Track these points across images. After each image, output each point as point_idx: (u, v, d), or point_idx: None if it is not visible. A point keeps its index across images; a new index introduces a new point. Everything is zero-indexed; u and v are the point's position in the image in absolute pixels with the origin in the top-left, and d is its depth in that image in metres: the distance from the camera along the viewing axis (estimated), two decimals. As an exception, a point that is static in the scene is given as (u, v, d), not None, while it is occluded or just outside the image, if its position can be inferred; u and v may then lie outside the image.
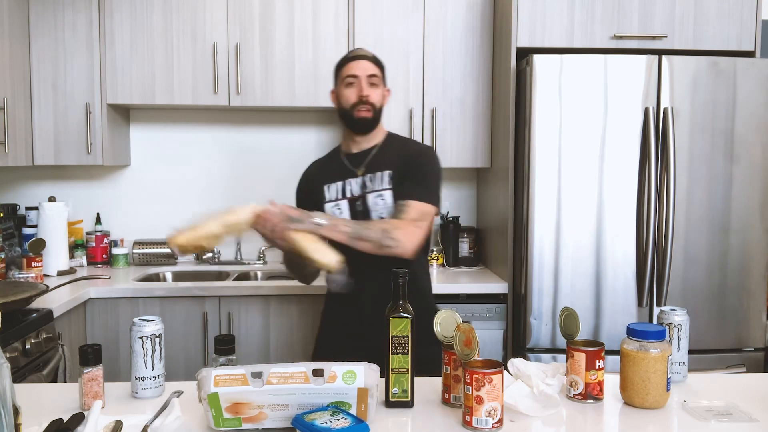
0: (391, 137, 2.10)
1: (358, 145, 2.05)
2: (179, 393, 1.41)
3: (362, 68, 2.00)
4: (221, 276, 3.10)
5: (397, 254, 1.83)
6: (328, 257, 1.74)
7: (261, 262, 3.24)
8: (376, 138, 2.06)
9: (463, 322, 1.36)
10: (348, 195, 2.00)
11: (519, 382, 1.44)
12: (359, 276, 1.91)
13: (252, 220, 1.76)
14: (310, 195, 2.06)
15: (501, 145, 2.85)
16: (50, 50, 2.86)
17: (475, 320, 2.71)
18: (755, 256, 2.61)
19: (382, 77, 2.05)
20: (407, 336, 1.37)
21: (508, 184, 2.73)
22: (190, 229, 1.74)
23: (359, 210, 1.97)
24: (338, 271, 1.77)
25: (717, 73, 2.56)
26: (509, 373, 1.46)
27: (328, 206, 2.01)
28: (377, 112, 2.02)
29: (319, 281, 2.14)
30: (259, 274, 3.15)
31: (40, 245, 2.78)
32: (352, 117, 1.99)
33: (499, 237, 2.92)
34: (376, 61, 2.05)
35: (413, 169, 1.97)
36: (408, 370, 1.38)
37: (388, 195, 1.96)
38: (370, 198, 1.97)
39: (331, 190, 2.02)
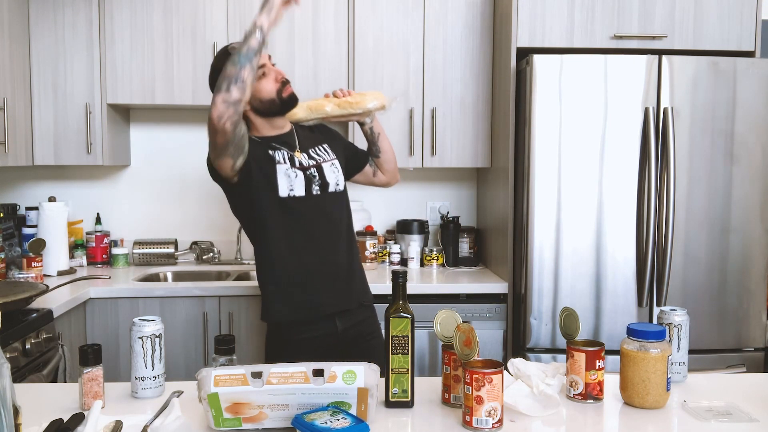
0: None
1: (278, 129, 2.05)
2: (179, 393, 1.41)
3: (264, 55, 1.97)
4: (221, 276, 3.10)
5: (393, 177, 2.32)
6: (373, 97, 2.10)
7: (261, 262, 3.23)
8: (287, 122, 2.08)
9: (463, 322, 1.36)
10: (297, 165, 2.00)
11: (519, 382, 1.44)
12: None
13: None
14: (252, 153, 1.96)
15: (501, 145, 2.85)
16: (50, 50, 2.86)
17: (475, 320, 2.71)
18: (755, 256, 2.61)
19: None
20: (407, 336, 1.37)
21: (508, 184, 2.73)
22: (308, 108, 2.04)
23: (312, 177, 2.01)
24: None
25: (717, 73, 2.56)
26: (509, 373, 1.46)
27: (281, 168, 1.97)
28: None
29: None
30: (259, 274, 3.14)
31: (40, 245, 2.78)
32: (282, 99, 1.99)
33: (499, 237, 2.92)
34: None
35: (341, 140, 2.24)
36: (408, 370, 1.37)
37: (338, 164, 2.11)
38: (326, 167, 2.06)
39: (279, 155, 1.99)
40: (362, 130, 2.22)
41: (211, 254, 3.21)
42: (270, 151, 2.00)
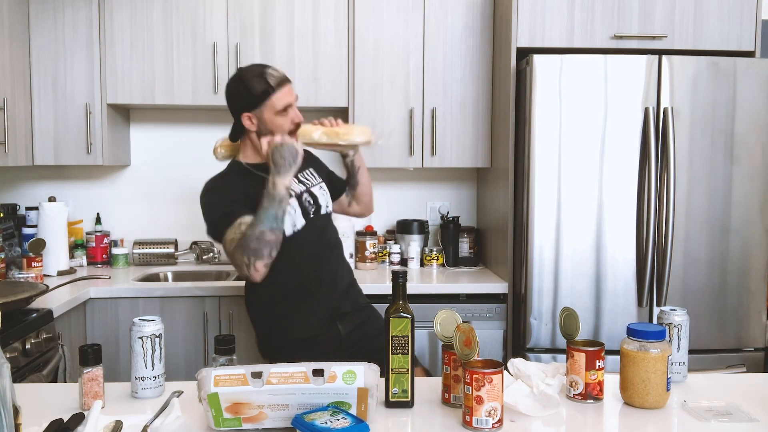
0: None
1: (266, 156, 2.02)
2: (179, 393, 1.41)
3: (291, 93, 2.00)
4: (221, 276, 3.10)
5: (367, 209, 2.35)
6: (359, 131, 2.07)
7: (261, 262, 3.23)
8: None
9: (463, 322, 1.37)
10: (292, 194, 2.00)
11: (519, 382, 1.44)
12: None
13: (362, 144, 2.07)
14: (251, 200, 1.92)
15: (501, 145, 2.85)
16: (50, 50, 2.86)
17: (475, 320, 2.71)
18: (755, 256, 2.61)
19: None
20: (407, 336, 1.37)
21: (508, 184, 2.73)
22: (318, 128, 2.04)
23: (307, 203, 2.04)
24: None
25: (717, 73, 2.56)
26: (509, 373, 1.46)
27: None
28: None
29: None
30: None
31: (40, 245, 2.78)
32: None
33: (499, 237, 2.92)
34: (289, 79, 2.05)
35: (322, 166, 2.27)
36: (408, 370, 1.38)
37: (325, 186, 2.16)
38: (316, 190, 2.10)
39: None
40: (343, 162, 2.22)
41: (211, 254, 3.21)
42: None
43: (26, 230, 2.97)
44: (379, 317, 2.15)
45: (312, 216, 2.05)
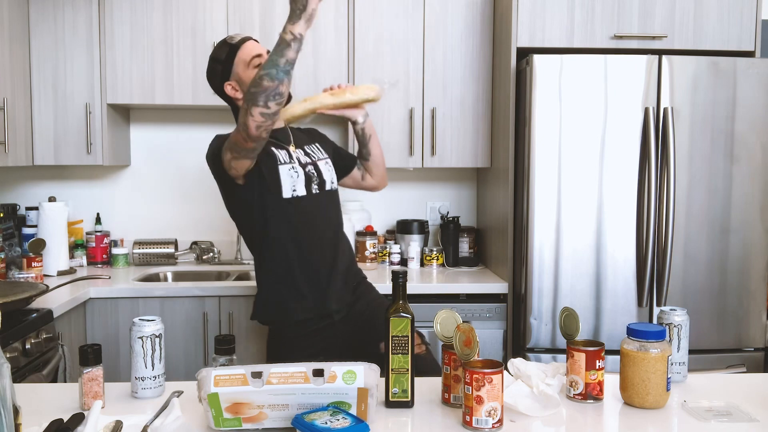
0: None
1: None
2: (179, 393, 1.41)
3: (258, 47, 2.01)
4: (221, 276, 3.10)
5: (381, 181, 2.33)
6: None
7: (261, 262, 3.24)
8: (280, 118, 2.08)
9: (463, 322, 1.37)
10: (296, 161, 2.01)
11: (519, 382, 1.44)
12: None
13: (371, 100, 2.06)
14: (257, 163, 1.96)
15: (501, 145, 2.85)
16: (50, 50, 2.86)
17: (475, 320, 2.71)
18: (755, 256, 2.61)
19: None
20: (407, 336, 1.37)
21: (508, 184, 2.73)
22: (303, 101, 2.01)
23: (310, 174, 2.03)
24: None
25: (717, 73, 2.56)
26: (509, 373, 1.46)
27: (283, 168, 1.98)
28: None
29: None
30: (259, 274, 3.14)
31: (40, 245, 2.78)
32: None
33: (499, 237, 2.92)
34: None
35: (330, 143, 2.26)
36: (408, 370, 1.37)
37: (330, 162, 2.15)
38: (321, 164, 2.09)
39: (281, 155, 2.00)
40: (354, 130, 2.22)
41: (211, 254, 3.21)
42: (273, 148, 1.99)
43: (26, 230, 2.97)
44: (372, 290, 2.18)
45: (316, 190, 2.03)
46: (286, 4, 2.89)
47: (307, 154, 2.08)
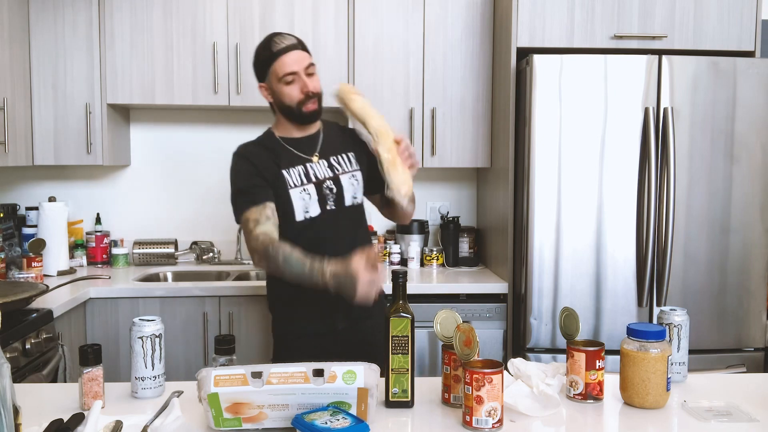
0: (323, 121, 2.08)
1: (302, 131, 2.00)
2: (179, 393, 1.41)
3: (298, 61, 1.91)
4: (221, 276, 3.10)
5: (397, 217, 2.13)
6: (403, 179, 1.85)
7: (261, 262, 3.23)
8: (316, 123, 2.03)
9: (463, 322, 1.37)
10: (314, 179, 1.95)
11: (519, 382, 1.44)
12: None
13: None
14: (265, 182, 1.93)
15: (501, 145, 2.85)
16: (50, 50, 2.86)
17: (475, 320, 2.71)
18: (755, 256, 2.61)
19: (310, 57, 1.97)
20: (407, 336, 1.37)
21: (508, 184, 2.73)
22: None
23: (328, 192, 1.96)
24: (404, 198, 1.87)
25: (717, 73, 2.56)
26: (509, 373, 1.46)
27: (295, 192, 1.92)
28: (321, 99, 1.99)
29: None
30: (260, 274, 3.15)
31: (40, 245, 2.78)
32: (301, 113, 1.94)
33: (499, 237, 2.92)
34: (303, 46, 1.96)
35: (363, 149, 2.06)
36: (408, 370, 1.38)
37: (359, 175, 2.02)
38: (344, 179, 1.98)
39: (293, 176, 1.94)
40: (378, 160, 1.96)
41: (211, 254, 3.21)
42: (284, 172, 1.94)
43: (26, 230, 2.97)
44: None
45: (331, 207, 1.96)
46: (286, 4, 2.92)
47: (330, 166, 1.98)
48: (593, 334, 2.57)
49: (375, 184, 2.04)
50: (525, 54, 2.62)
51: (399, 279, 1.40)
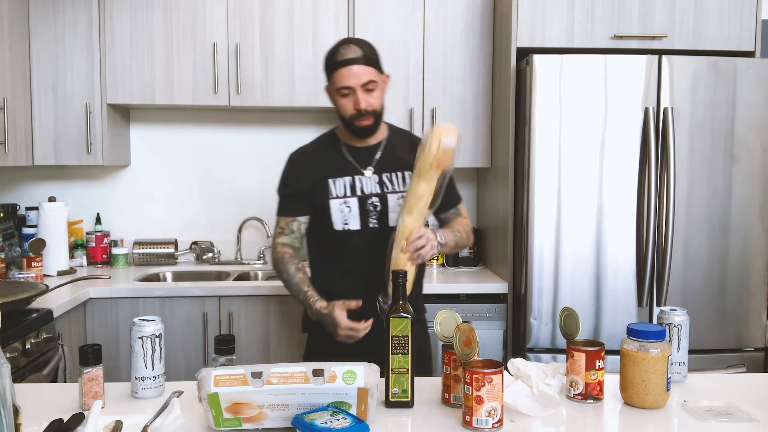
0: (393, 132, 2.05)
1: (364, 140, 1.98)
2: (179, 393, 1.41)
3: (355, 77, 1.85)
4: (221, 276, 3.10)
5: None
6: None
7: (261, 262, 3.24)
8: (381, 134, 2.01)
9: (463, 322, 1.37)
10: (359, 192, 1.94)
11: (519, 382, 1.44)
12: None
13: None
14: (307, 187, 1.96)
15: (501, 145, 2.85)
16: (50, 50, 2.86)
17: (475, 320, 2.71)
18: (755, 256, 2.61)
19: (378, 71, 1.91)
20: (407, 336, 1.37)
21: (508, 184, 2.73)
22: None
23: (371, 208, 1.94)
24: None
25: (717, 73, 2.55)
26: (509, 373, 1.46)
27: (334, 203, 1.93)
28: (379, 115, 1.94)
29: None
30: (259, 274, 3.15)
31: (40, 245, 2.78)
32: (353, 127, 1.92)
33: (499, 237, 2.92)
34: (369, 60, 1.89)
35: None
36: (408, 370, 1.37)
37: None
38: (391, 198, 1.95)
39: (338, 186, 1.94)
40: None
41: (211, 254, 3.21)
42: (330, 181, 1.94)
43: (26, 230, 2.97)
44: (420, 335, 1.96)
45: (374, 224, 1.94)
46: (286, 4, 2.92)
47: (380, 182, 1.96)
48: (593, 334, 2.57)
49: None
50: (525, 54, 2.62)
51: (399, 279, 1.40)
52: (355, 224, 1.93)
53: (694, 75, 2.55)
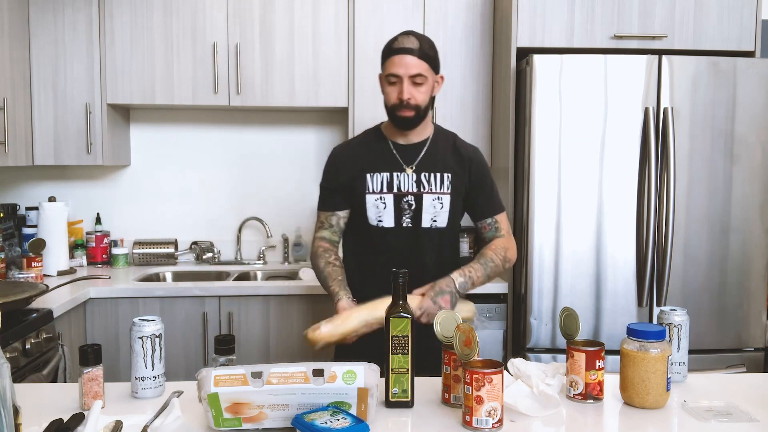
0: (438, 132, 2.04)
1: (407, 137, 1.98)
2: (179, 393, 1.41)
3: (405, 66, 1.86)
4: (221, 276, 3.10)
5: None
6: (470, 307, 1.92)
7: (261, 262, 3.24)
8: (425, 132, 1.99)
9: (463, 322, 1.37)
10: (395, 189, 1.94)
11: (519, 382, 1.44)
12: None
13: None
14: (346, 181, 1.97)
15: (501, 145, 2.85)
16: (50, 50, 2.86)
17: (475, 320, 2.71)
18: (755, 256, 2.61)
19: (432, 68, 1.91)
20: (407, 336, 1.37)
21: (508, 184, 2.73)
22: (331, 324, 1.72)
23: (406, 207, 1.94)
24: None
25: (717, 73, 2.56)
26: (509, 373, 1.46)
27: (370, 198, 1.94)
28: (422, 111, 1.92)
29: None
30: (259, 274, 3.15)
31: (40, 245, 2.78)
32: (394, 116, 1.93)
33: (499, 237, 2.92)
34: (424, 54, 1.88)
35: (479, 179, 2.00)
36: (408, 370, 1.37)
37: (447, 200, 1.95)
38: (427, 199, 1.94)
39: (375, 181, 1.94)
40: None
41: (211, 254, 3.21)
42: (368, 176, 1.94)
43: (26, 230, 2.97)
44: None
45: (407, 224, 1.94)
46: (286, 4, 2.92)
47: (418, 181, 1.95)
48: (593, 334, 2.57)
49: (472, 212, 2.04)
50: (525, 54, 2.62)
51: (399, 279, 1.40)
52: (389, 221, 1.94)
53: (694, 75, 2.55)
